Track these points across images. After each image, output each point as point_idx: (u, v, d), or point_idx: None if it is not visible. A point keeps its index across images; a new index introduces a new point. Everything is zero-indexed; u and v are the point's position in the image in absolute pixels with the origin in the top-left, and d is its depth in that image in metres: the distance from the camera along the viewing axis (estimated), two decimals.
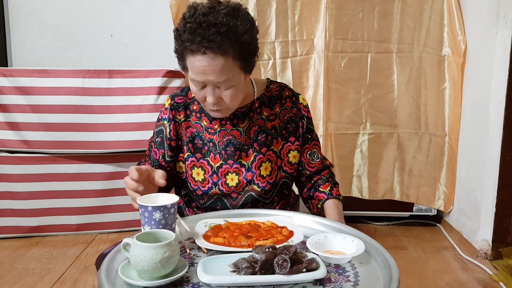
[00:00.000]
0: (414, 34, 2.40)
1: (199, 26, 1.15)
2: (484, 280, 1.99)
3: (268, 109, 1.40)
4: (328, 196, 1.40)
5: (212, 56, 1.16)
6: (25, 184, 2.30)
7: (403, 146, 2.48)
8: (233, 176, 1.37)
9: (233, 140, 1.37)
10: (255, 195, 1.36)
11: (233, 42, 1.17)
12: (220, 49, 1.15)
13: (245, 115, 1.38)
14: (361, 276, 0.96)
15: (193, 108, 1.40)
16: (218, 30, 1.14)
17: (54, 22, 2.63)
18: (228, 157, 1.36)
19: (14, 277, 1.95)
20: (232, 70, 1.20)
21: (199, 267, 0.93)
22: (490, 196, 2.13)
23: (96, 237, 2.38)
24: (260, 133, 1.38)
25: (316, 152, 1.45)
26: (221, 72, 1.18)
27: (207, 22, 1.15)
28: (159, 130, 1.41)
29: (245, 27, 1.20)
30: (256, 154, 1.37)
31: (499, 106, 2.08)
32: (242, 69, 1.24)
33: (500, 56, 2.06)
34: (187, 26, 1.17)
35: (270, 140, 1.39)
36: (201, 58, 1.16)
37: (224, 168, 1.37)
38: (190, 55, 1.18)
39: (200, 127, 1.39)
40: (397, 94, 2.43)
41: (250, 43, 1.22)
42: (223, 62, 1.17)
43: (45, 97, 2.25)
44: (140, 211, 1.06)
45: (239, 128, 1.37)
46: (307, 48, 2.37)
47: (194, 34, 1.15)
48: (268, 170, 1.38)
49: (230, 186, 1.37)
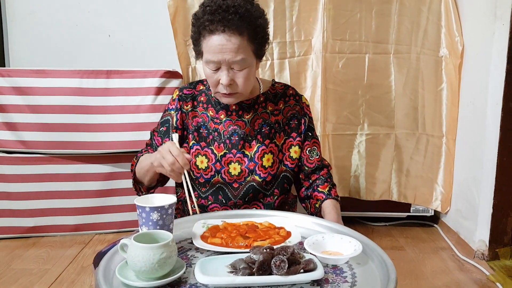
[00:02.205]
0: (412, 35, 2.40)
1: (218, 8, 1.26)
2: (481, 280, 2.00)
3: (273, 104, 1.47)
4: (327, 197, 1.43)
5: (230, 34, 1.25)
6: (22, 185, 2.29)
7: (401, 147, 2.49)
8: (235, 165, 1.41)
9: (238, 130, 1.42)
10: (256, 186, 1.40)
11: (248, 24, 1.27)
12: (237, 29, 1.25)
13: (250, 107, 1.43)
14: (358, 277, 0.96)
15: (200, 99, 1.46)
16: (236, 11, 1.25)
17: (51, 22, 2.62)
18: (232, 146, 1.41)
19: (11, 277, 1.95)
20: (247, 51, 1.29)
21: (196, 268, 0.93)
22: (487, 196, 2.14)
23: (94, 237, 2.38)
24: (264, 125, 1.44)
25: (315, 150, 1.50)
26: (237, 51, 1.26)
27: (226, 5, 1.26)
28: (165, 120, 1.47)
29: (259, 12, 1.32)
30: (260, 145, 1.42)
31: (496, 107, 2.08)
32: (254, 54, 1.32)
33: (497, 57, 2.07)
34: (207, 9, 1.27)
35: (273, 133, 1.45)
36: (219, 37, 1.25)
37: (227, 157, 1.41)
38: (208, 36, 1.27)
39: (206, 117, 1.44)
40: (394, 95, 2.44)
41: (264, 28, 1.33)
42: (239, 41, 1.26)
43: (43, 97, 2.25)
44: (138, 211, 1.06)
45: (244, 119, 1.42)
46: (305, 49, 2.37)
47: (214, 15, 1.25)
48: (270, 161, 1.42)
49: (233, 175, 1.41)
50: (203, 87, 1.48)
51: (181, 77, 2.34)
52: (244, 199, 1.41)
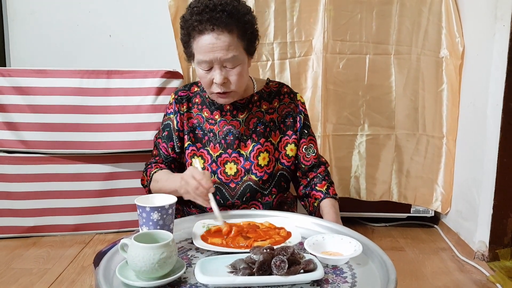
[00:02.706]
0: (412, 36, 2.40)
1: (205, 8, 1.26)
2: (481, 281, 2.00)
3: (267, 103, 1.47)
4: (325, 195, 1.43)
5: (219, 32, 1.26)
6: (22, 184, 2.29)
7: (401, 147, 2.49)
8: (231, 165, 1.42)
9: (232, 130, 1.42)
10: (253, 185, 1.40)
11: (236, 21, 1.28)
12: (226, 26, 1.26)
13: (244, 107, 1.44)
14: (358, 277, 0.96)
15: (195, 101, 1.46)
16: (223, 9, 1.26)
17: (52, 22, 2.62)
18: (227, 146, 1.41)
19: (11, 277, 1.95)
20: (237, 48, 1.29)
21: (196, 268, 0.93)
22: (488, 197, 2.14)
23: (94, 237, 2.38)
24: (259, 124, 1.44)
25: (312, 147, 1.50)
26: (228, 48, 1.27)
27: (213, 4, 1.27)
28: (166, 124, 1.47)
29: (246, 9, 1.33)
30: (255, 144, 1.42)
31: (497, 108, 2.08)
32: (245, 50, 1.33)
33: (497, 58, 2.07)
34: (194, 10, 1.28)
35: (269, 132, 1.45)
36: (209, 37, 1.26)
37: (223, 157, 1.41)
38: (198, 36, 1.28)
39: (201, 118, 1.44)
40: (395, 96, 2.44)
41: (252, 24, 1.34)
42: (229, 39, 1.27)
43: (43, 97, 2.25)
44: (138, 211, 1.06)
45: (238, 119, 1.43)
46: (305, 49, 2.37)
47: (202, 15, 1.26)
48: (266, 160, 1.42)
49: (229, 175, 1.41)
50: (197, 88, 1.49)
51: (182, 77, 2.34)
52: (241, 199, 1.41)
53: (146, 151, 2.27)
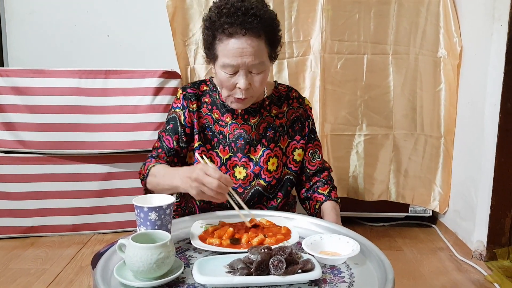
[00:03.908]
0: (410, 35, 2.41)
1: (237, 10, 1.23)
2: (478, 281, 2.00)
3: (277, 108, 1.45)
4: (327, 198, 1.43)
5: (251, 38, 1.23)
6: (20, 185, 2.29)
7: (399, 147, 2.49)
8: (241, 169, 1.40)
9: (243, 134, 1.40)
10: (261, 190, 1.39)
11: (266, 26, 1.26)
12: (257, 32, 1.24)
13: (256, 112, 1.42)
14: (356, 277, 0.96)
15: (204, 100, 1.43)
16: (255, 13, 1.23)
17: (50, 22, 2.62)
18: (237, 150, 1.40)
19: (9, 277, 1.95)
20: (264, 55, 1.28)
21: (194, 268, 0.93)
22: (485, 197, 2.14)
23: (92, 237, 2.38)
24: (269, 129, 1.43)
25: (317, 152, 1.50)
26: (256, 54, 1.25)
27: (245, 7, 1.23)
28: (172, 117, 1.43)
29: (274, 14, 1.31)
30: (265, 149, 1.41)
31: (494, 108, 2.09)
32: (269, 57, 1.31)
33: (495, 58, 2.07)
34: (223, 11, 1.24)
35: (278, 137, 1.44)
36: (239, 41, 1.23)
37: (232, 160, 1.40)
38: (226, 39, 1.24)
39: (211, 119, 1.42)
40: (393, 96, 2.44)
41: (279, 30, 1.33)
42: (258, 45, 1.25)
43: (41, 97, 2.25)
44: (136, 212, 1.06)
45: (250, 123, 1.41)
46: (303, 49, 2.37)
47: (233, 17, 1.22)
48: (274, 165, 1.41)
49: (238, 179, 1.40)
50: (206, 87, 1.45)
51: (180, 77, 2.34)
52: (249, 204, 1.38)
53: (144, 151, 2.27)
